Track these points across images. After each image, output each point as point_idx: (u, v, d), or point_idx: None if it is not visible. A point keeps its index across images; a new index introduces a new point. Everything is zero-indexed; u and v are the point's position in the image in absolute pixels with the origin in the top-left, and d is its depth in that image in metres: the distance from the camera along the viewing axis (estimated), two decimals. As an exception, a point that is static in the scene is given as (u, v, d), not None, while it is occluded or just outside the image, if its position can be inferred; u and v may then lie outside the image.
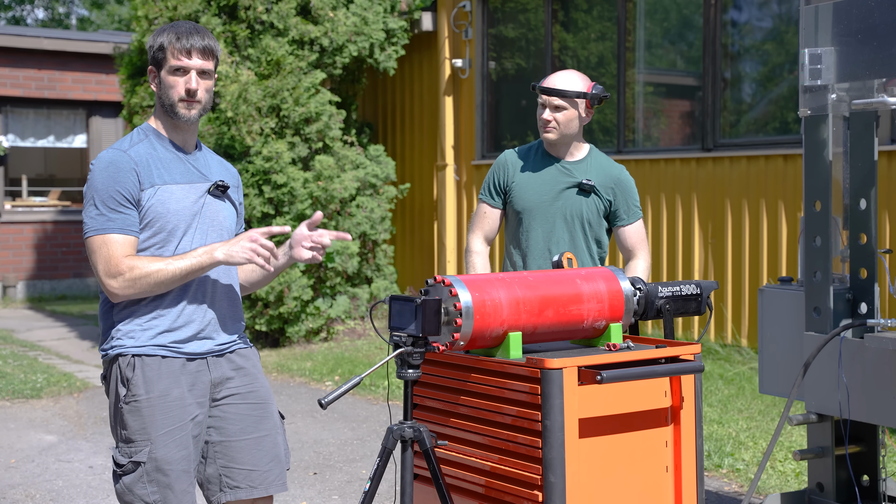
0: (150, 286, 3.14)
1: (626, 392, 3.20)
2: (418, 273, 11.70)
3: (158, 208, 3.19)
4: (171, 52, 3.20)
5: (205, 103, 3.26)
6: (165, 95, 3.23)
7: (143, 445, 3.16)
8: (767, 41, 9.05)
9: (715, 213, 8.84)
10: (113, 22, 30.77)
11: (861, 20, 4.05)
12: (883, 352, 3.99)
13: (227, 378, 3.31)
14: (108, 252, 3.14)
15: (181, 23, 3.27)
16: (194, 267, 3.16)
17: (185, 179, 3.26)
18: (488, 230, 4.39)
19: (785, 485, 5.49)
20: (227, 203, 3.38)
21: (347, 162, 10.21)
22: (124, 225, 3.15)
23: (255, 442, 3.33)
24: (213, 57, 3.26)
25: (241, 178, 3.56)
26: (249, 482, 3.31)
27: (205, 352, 3.27)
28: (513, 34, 10.87)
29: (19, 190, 15.80)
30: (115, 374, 3.22)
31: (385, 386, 8.09)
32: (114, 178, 3.15)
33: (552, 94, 4.17)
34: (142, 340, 3.20)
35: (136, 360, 3.18)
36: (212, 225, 3.30)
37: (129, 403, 3.18)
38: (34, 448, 6.61)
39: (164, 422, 3.17)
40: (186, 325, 3.24)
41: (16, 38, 14.81)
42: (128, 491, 3.18)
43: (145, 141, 3.27)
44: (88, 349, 10.58)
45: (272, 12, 9.86)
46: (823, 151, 4.23)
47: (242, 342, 3.40)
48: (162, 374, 3.19)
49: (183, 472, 3.20)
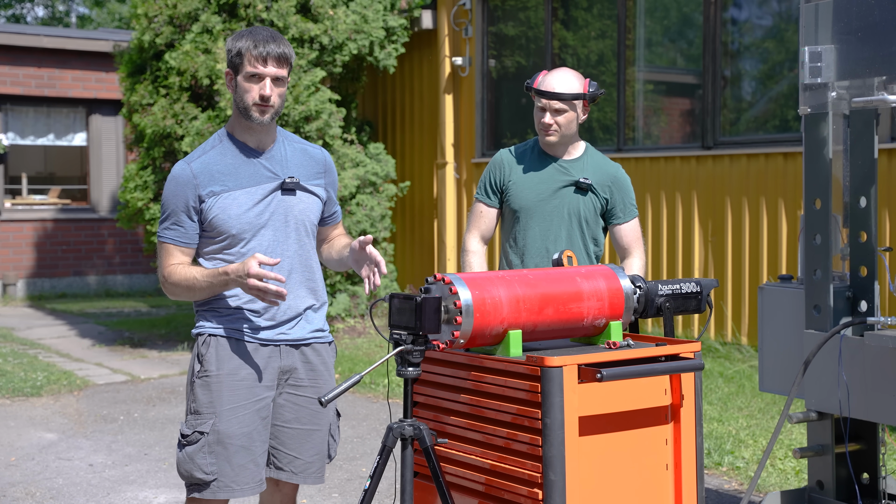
0: (184, 296, 3.43)
1: (626, 390, 3.20)
2: (418, 271, 11.70)
3: (220, 216, 3.39)
4: (248, 59, 3.37)
5: (277, 107, 3.41)
6: (240, 99, 3.40)
7: (209, 418, 3.38)
8: (767, 39, 9.04)
9: (715, 212, 8.84)
10: (113, 20, 30.75)
11: (861, 18, 4.05)
12: (883, 350, 3.99)
13: (294, 369, 3.49)
14: (162, 258, 3.46)
15: (259, 29, 3.43)
16: (216, 287, 3.37)
17: (252, 182, 3.43)
18: (485, 229, 4.38)
19: (785, 483, 5.49)
20: (303, 195, 3.52)
21: (347, 160, 10.21)
22: (177, 237, 3.42)
23: (306, 433, 3.52)
24: (288, 64, 3.43)
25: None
26: (293, 468, 3.52)
27: (280, 340, 3.46)
28: (513, 32, 10.87)
29: (19, 188, 15.79)
30: (194, 351, 3.46)
31: (385, 384, 8.09)
32: (174, 192, 3.42)
33: (552, 97, 4.15)
34: (220, 323, 3.43)
35: (212, 340, 3.42)
36: (285, 221, 3.46)
37: (200, 378, 3.41)
38: (34, 446, 6.61)
39: (230, 398, 3.38)
40: (265, 312, 3.43)
41: (16, 36, 14.80)
42: (188, 459, 3.38)
43: (218, 147, 3.46)
44: (88, 347, 10.58)
45: (272, 10, 9.86)
46: (823, 149, 4.23)
47: (321, 335, 3.56)
48: (234, 354, 3.41)
49: (242, 448, 3.38)
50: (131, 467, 6.10)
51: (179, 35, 9.95)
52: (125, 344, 10.67)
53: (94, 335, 11.34)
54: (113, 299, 14.82)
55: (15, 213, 15.12)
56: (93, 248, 15.45)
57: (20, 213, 15.16)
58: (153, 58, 10.26)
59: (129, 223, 10.60)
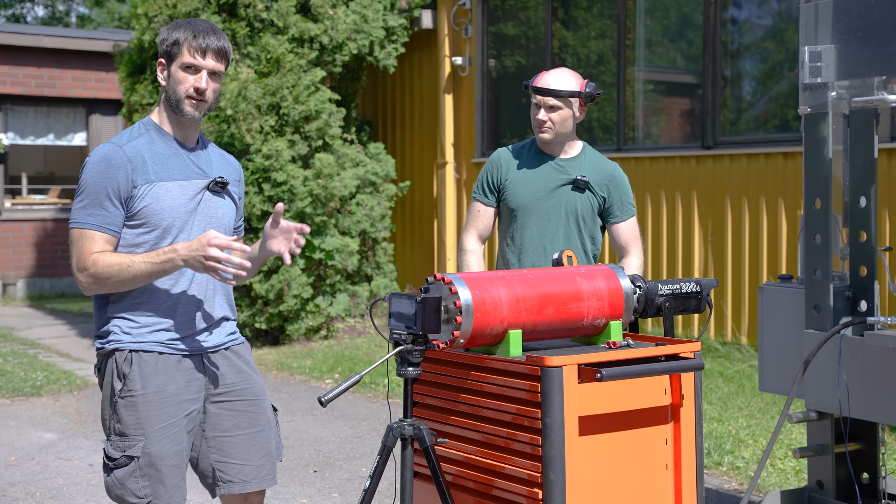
0: (114, 284, 3.16)
1: (625, 390, 3.20)
2: (418, 271, 11.70)
3: (153, 205, 3.20)
4: (186, 49, 3.22)
5: (210, 103, 3.28)
6: (173, 90, 3.25)
7: (138, 440, 3.19)
8: (767, 39, 9.04)
9: (715, 211, 8.84)
10: (113, 20, 30.75)
11: (861, 18, 4.05)
12: (883, 349, 3.99)
13: (221, 374, 3.35)
14: (81, 246, 3.17)
15: (199, 21, 3.29)
16: (157, 270, 3.14)
17: (183, 176, 3.27)
18: (482, 228, 4.38)
19: (785, 482, 5.49)
20: (227, 199, 3.39)
21: (347, 160, 10.21)
22: (103, 222, 3.17)
23: (248, 437, 3.38)
24: (226, 59, 3.29)
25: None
26: (243, 476, 3.36)
27: (200, 349, 3.31)
28: (513, 32, 10.87)
29: (19, 188, 15.80)
30: (111, 369, 3.24)
31: (385, 384, 8.09)
32: (104, 173, 3.16)
33: (546, 94, 4.17)
34: (138, 336, 3.23)
35: (133, 356, 3.21)
36: (209, 221, 3.31)
37: (124, 398, 3.20)
38: (34, 446, 6.61)
39: (159, 417, 3.21)
40: (183, 322, 3.27)
41: (16, 36, 14.80)
42: (119, 484, 3.20)
43: (145, 135, 3.27)
44: (88, 347, 10.58)
45: (272, 10, 9.86)
46: (823, 149, 4.23)
47: (235, 338, 3.43)
48: (158, 370, 3.22)
49: (175, 468, 3.23)
50: (131, 467, 6.10)
51: (179, 35, 9.95)
52: (125, 344, 10.66)
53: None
54: (113, 299, 14.81)
55: (15, 212, 15.12)
56: (93, 247, 15.44)
57: (20, 212, 15.17)
58: (153, 58, 10.27)
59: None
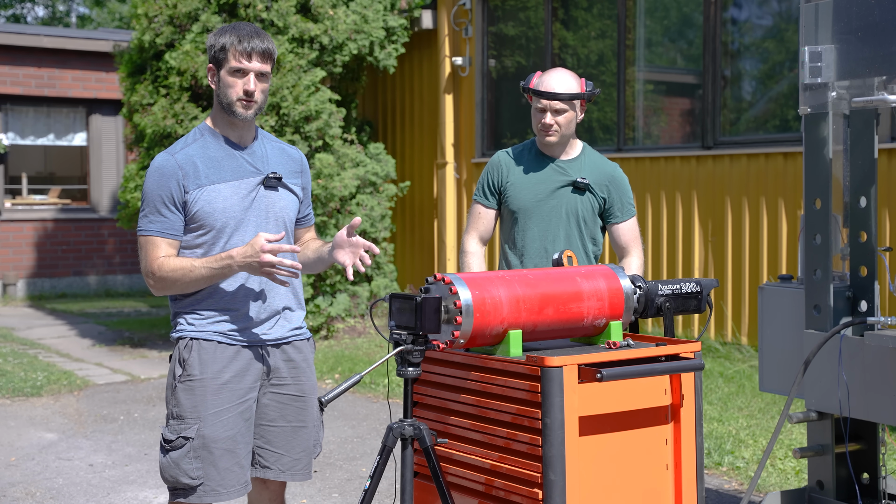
0: (179, 287, 3.36)
1: (626, 390, 3.20)
2: (418, 271, 11.70)
3: (205, 208, 3.35)
4: (232, 54, 3.37)
5: (260, 103, 3.41)
6: (224, 94, 3.39)
7: (193, 423, 3.36)
8: (767, 39, 9.04)
9: (715, 211, 8.84)
10: (113, 20, 30.74)
11: (861, 18, 4.05)
12: (883, 350, 3.99)
13: (276, 368, 3.48)
14: (146, 252, 3.38)
15: (243, 25, 3.43)
16: (216, 274, 3.32)
17: (235, 176, 3.41)
18: (483, 230, 4.39)
19: (785, 483, 5.49)
20: (284, 192, 3.51)
21: (347, 160, 10.21)
22: (163, 228, 3.36)
23: (292, 430, 3.51)
24: (272, 59, 3.42)
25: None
26: (280, 466, 3.51)
27: (259, 341, 3.43)
28: (513, 32, 10.87)
29: (19, 188, 15.79)
30: (175, 355, 3.42)
31: (385, 384, 8.09)
32: (158, 182, 3.36)
33: (553, 97, 4.16)
34: (201, 326, 3.40)
35: (194, 343, 3.39)
36: (266, 217, 3.45)
37: (183, 382, 3.38)
38: (34, 446, 6.61)
39: (214, 402, 3.36)
40: (242, 315, 3.42)
41: (16, 36, 14.79)
42: (173, 465, 3.36)
43: (199, 140, 3.43)
44: (88, 347, 10.58)
45: (272, 10, 9.86)
46: (823, 149, 4.23)
47: (300, 333, 3.55)
48: (216, 358, 3.38)
49: (227, 452, 3.37)
50: (131, 467, 6.10)
51: (179, 35, 9.95)
52: (125, 344, 10.67)
53: (94, 335, 11.34)
54: (113, 299, 14.82)
55: (15, 213, 15.12)
56: (93, 248, 15.45)
57: (20, 213, 15.16)
58: (153, 58, 10.26)
59: (129, 223, 10.59)
